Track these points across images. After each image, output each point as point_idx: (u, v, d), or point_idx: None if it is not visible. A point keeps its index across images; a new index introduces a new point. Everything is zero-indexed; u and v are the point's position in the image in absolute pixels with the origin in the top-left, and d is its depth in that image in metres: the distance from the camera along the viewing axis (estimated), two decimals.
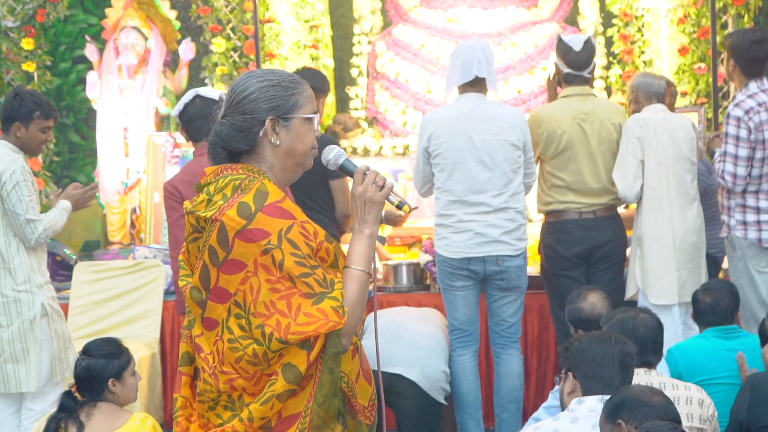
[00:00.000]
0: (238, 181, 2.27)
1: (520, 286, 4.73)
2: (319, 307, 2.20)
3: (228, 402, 2.27)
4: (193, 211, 2.30)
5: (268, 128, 2.31)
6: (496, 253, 4.62)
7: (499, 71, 6.85)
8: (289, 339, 2.17)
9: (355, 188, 2.37)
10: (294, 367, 2.19)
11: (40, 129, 4.43)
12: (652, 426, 2.45)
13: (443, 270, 4.73)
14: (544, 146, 4.86)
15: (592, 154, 4.85)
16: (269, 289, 2.20)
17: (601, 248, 4.83)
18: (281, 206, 2.24)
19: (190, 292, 2.30)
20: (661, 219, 4.81)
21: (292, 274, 2.20)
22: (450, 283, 4.72)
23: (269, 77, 2.34)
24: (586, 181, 4.83)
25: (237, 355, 2.22)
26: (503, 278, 4.66)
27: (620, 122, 4.89)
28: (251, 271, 2.21)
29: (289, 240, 2.21)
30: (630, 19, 6.80)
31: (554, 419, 2.94)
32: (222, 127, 2.32)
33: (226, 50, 6.93)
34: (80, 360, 3.55)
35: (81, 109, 7.51)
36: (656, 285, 4.79)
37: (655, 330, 3.50)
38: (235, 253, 2.21)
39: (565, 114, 4.85)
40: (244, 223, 2.20)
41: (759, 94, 4.77)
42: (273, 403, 2.20)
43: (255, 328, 2.20)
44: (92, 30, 7.40)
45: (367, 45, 7.23)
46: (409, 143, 6.79)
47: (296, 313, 2.19)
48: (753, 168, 4.76)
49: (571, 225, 4.83)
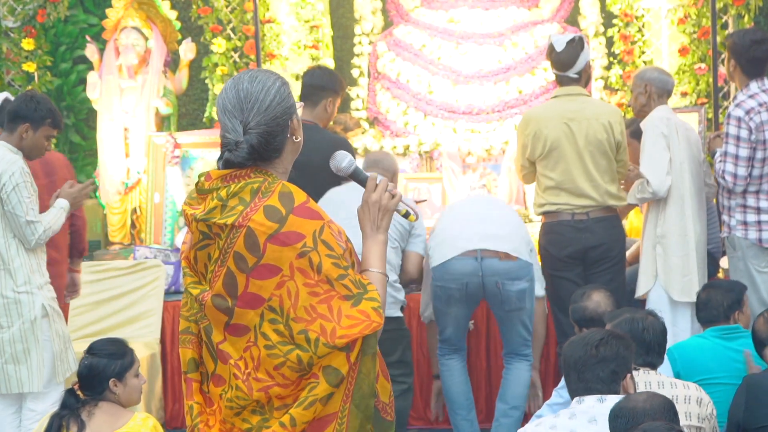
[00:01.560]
0: (256, 185, 2.24)
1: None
2: (359, 308, 2.20)
3: (257, 406, 2.25)
4: (205, 219, 2.25)
5: (294, 126, 2.32)
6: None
7: (500, 72, 6.86)
8: (337, 343, 2.16)
9: (368, 195, 2.38)
10: (336, 369, 2.18)
11: (46, 136, 4.47)
12: (649, 427, 2.46)
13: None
14: (531, 147, 4.85)
15: (580, 153, 4.81)
16: (308, 293, 2.18)
17: (594, 250, 4.80)
18: (309, 207, 2.24)
19: (212, 300, 2.26)
20: (685, 217, 4.82)
21: (330, 276, 2.19)
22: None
23: (273, 77, 2.33)
24: (576, 181, 4.81)
25: (277, 361, 2.20)
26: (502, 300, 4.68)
27: (611, 122, 4.85)
28: (287, 275, 2.19)
29: (324, 241, 2.20)
30: (630, 19, 6.80)
31: (555, 416, 2.96)
32: (254, 138, 2.25)
33: (227, 50, 6.93)
34: (84, 358, 3.56)
35: (81, 109, 7.50)
36: (681, 282, 4.80)
37: (662, 334, 3.51)
38: (267, 257, 2.19)
39: (553, 114, 4.85)
40: (276, 227, 2.18)
41: (760, 94, 4.77)
42: (316, 407, 2.18)
43: (297, 334, 2.18)
44: (92, 30, 7.39)
45: (368, 45, 7.22)
46: (410, 143, 6.79)
47: (338, 316, 2.18)
48: (754, 168, 4.76)
49: (563, 226, 4.81)
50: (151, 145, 6.67)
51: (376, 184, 2.39)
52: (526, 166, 4.94)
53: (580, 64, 4.91)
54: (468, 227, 4.72)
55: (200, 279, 2.32)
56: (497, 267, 4.61)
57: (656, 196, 4.82)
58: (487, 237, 4.64)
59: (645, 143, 4.84)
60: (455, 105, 6.90)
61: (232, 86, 2.31)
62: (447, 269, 4.64)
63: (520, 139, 4.92)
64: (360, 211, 2.40)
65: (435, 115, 6.90)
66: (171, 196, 6.60)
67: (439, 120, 6.90)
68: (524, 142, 4.87)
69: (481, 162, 6.73)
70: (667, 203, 4.84)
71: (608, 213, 4.87)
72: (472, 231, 4.69)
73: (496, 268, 4.61)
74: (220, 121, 2.34)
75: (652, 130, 4.83)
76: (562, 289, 4.79)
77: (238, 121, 2.27)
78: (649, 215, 4.92)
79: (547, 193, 4.86)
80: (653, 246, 4.87)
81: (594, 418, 2.82)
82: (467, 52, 6.98)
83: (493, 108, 6.87)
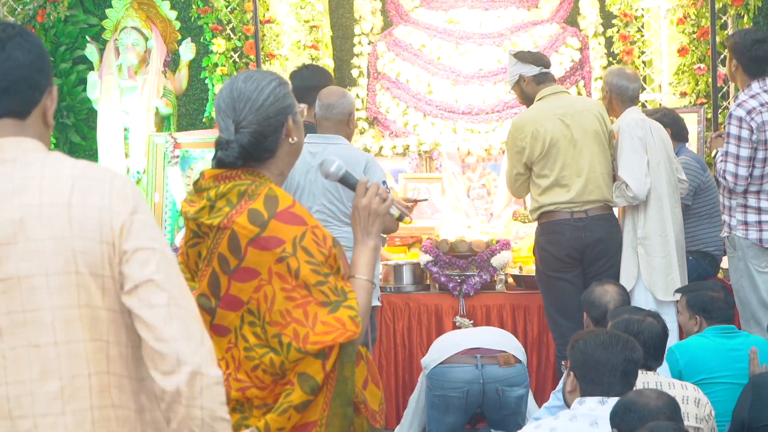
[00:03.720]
0: (243, 187, 2.24)
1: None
2: (335, 315, 2.18)
3: (237, 405, 2.25)
4: (195, 218, 2.26)
5: (291, 126, 2.31)
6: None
7: (500, 72, 6.86)
8: (309, 349, 2.15)
9: (358, 200, 2.37)
10: (310, 377, 2.17)
11: None
12: (655, 426, 2.46)
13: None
14: (530, 149, 4.77)
15: (578, 146, 4.76)
16: (285, 297, 2.18)
17: (593, 248, 4.77)
18: (293, 212, 2.22)
19: (198, 299, 2.26)
20: (664, 217, 4.83)
21: (308, 282, 2.18)
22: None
23: (270, 77, 2.33)
24: (574, 175, 4.75)
25: (253, 363, 2.20)
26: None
27: (600, 112, 4.85)
28: (265, 279, 2.18)
29: (304, 248, 2.19)
30: (630, 19, 6.81)
31: (554, 418, 2.95)
32: (245, 137, 2.25)
33: (227, 50, 6.93)
34: None
35: (81, 109, 7.50)
36: (665, 282, 4.81)
37: (659, 337, 3.47)
38: (248, 261, 2.19)
39: (545, 113, 4.80)
40: (257, 231, 2.18)
41: (761, 94, 4.76)
42: (291, 414, 2.17)
43: (271, 337, 2.18)
44: (92, 30, 7.40)
45: (367, 45, 7.23)
46: (410, 144, 6.79)
47: (313, 322, 2.16)
48: (755, 168, 4.76)
49: (562, 225, 4.76)
50: (151, 145, 6.67)
51: (366, 188, 2.38)
52: (522, 172, 4.84)
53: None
54: (466, 334, 4.92)
55: (193, 276, 2.34)
56: (497, 374, 4.67)
57: (636, 201, 4.82)
58: (486, 341, 4.78)
59: (622, 147, 4.83)
60: (455, 105, 6.90)
61: (227, 86, 2.32)
62: (446, 376, 4.69)
63: (515, 146, 4.81)
64: (351, 217, 2.40)
65: (434, 115, 6.91)
66: (171, 196, 6.60)
67: (438, 120, 6.90)
68: (520, 147, 4.78)
69: (481, 162, 6.73)
70: (647, 205, 4.84)
71: (606, 211, 4.85)
72: (471, 336, 4.84)
73: (497, 375, 4.67)
74: (216, 120, 2.35)
75: (628, 133, 4.83)
76: (560, 291, 4.76)
77: (231, 120, 2.27)
78: (628, 217, 4.91)
79: (544, 195, 4.79)
80: (634, 248, 4.86)
81: (595, 422, 2.81)
82: (467, 53, 6.99)
83: (493, 108, 6.88)
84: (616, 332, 3.08)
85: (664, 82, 6.88)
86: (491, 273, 5.49)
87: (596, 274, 4.78)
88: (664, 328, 3.54)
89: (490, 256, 5.47)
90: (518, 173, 4.88)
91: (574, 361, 2.97)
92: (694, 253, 5.31)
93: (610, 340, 2.95)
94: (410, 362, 5.44)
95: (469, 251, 5.47)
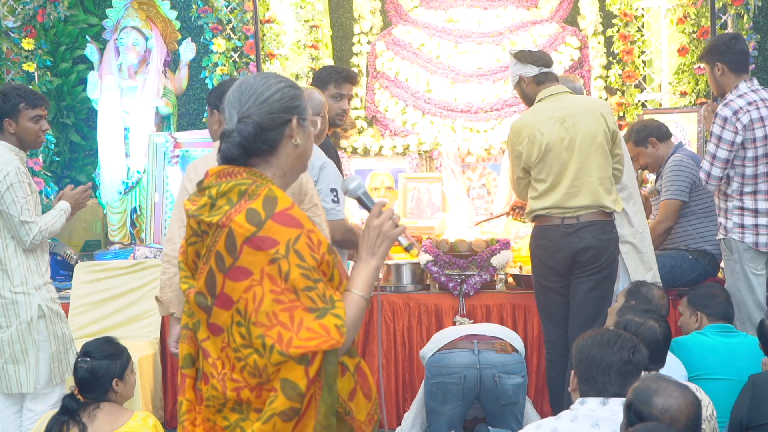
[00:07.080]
0: (244, 186, 2.25)
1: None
2: (321, 322, 2.18)
3: (236, 405, 2.25)
4: (195, 215, 2.28)
5: (294, 127, 2.32)
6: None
7: (499, 71, 6.87)
8: (291, 352, 2.14)
9: (371, 220, 2.38)
10: (293, 383, 2.16)
11: (31, 119, 4.42)
12: (645, 427, 2.45)
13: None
14: (527, 153, 4.63)
15: (575, 150, 4.57)
16: (273, 299, 2.17)
17: (582, 254, 4.53)
18: (290, 213, 2.23)
19: (195, 297, 2.28)
20: (639, 212, 4.96)
21: (296, 286, 2.18)
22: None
23: (282, 79, 2.35)
24: (569, 180, 4.58)
25: (240, 364, 2.21)
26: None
27: (602, 113, 4.62)
28: (256, 279, 2.19)
29: (296, 251, 2.19)
30: (630, 19, 6.81)
31: (555, 418, 2.94)
32: (246, 127, 2.29)
33: (227, 50, 6.93)
34: (81, 362, 3.55)
35: (81, 109, 7.51)
36: (651, 277, 4.86)
37: (657, 342, 3.44)
38: (242, 260, 2.19)
39: (544, 116, 4.64)
40: (254, 230, 2.19)
41: (749, 94, 4.78)
42: (275, 422, 2.16)
43: (255, 338, 2.18)
44: (92, 30, 7.40)
45: (366, 45, 7.24)
46: (409, 143, 6.79)
47: (299, 326, 2.16)
48: (746, 167, 4.77)
49: (552, 231, 4.59)
50: (151, 145, 6.68)
51: (381, 210, 2.40)
52: (522, 176, 4.75)
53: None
54: (464, 327, 4.97)
55: (192, 274, 2.35)
56: (494, 359, 4.67)
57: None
58: (483, 330, 4.83)
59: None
60: (454, 104, 6.91)
61: (239, 81, 2.36)
62: (444, 362, 4.68)
63: (513, 150, 4.72)
64: (360, 236, 2.41)
65: (434, 113, 6.92)
66: (171, 196, 6.61)
67: (437, 118, 6.91)
68: (519, 151, 4.67)
69: (481, 162, 6.74)
70: (626, 203, 4.87)
71: (601, 217, 4.58)
72: (469, 328, 4.89)
73: (494, 361, 4.67)
74: (222, 112, 2.38)
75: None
76: (548, 298, 4.68)
77: (236, 111, 2.31)
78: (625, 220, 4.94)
79: (537, 200, 4.66)
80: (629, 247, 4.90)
81: (596, 423, 2.80)
82: (466, 51, 7.00)
83: (492, 106, 6.88)
84: (619, 332, 3.04)
85: (664, 82, 6.89)
86: (491, 273, 5.49)
87: (578, 281, 4.58)
88: (666, 332, 3.50)
89: (490, 255, 5.47)
90: (519, 177, 4.79)
91: (574, 360, 2.96)
92: (694, 252, 5.32)
93: (608, 340, 2.93)
94: (410, 362, 5.44)
95: (469, 251, 5.47)
